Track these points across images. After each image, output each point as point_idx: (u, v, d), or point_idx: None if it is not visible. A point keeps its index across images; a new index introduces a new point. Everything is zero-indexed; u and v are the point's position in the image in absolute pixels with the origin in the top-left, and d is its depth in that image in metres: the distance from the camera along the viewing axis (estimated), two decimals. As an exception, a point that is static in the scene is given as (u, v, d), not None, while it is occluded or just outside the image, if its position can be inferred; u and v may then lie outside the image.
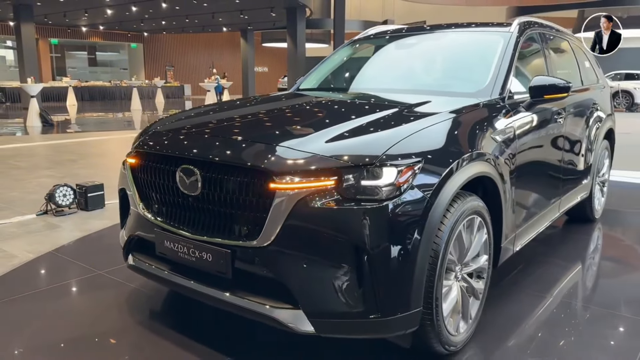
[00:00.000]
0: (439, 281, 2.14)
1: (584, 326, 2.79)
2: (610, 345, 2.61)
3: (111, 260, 3.63)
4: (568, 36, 4.39)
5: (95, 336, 2.59)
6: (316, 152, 2.05)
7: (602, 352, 2.52)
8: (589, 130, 4.15)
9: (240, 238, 2.14)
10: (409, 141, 2.13)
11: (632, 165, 7.61)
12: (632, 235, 4.75)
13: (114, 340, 2.58)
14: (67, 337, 2.59)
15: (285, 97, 3.45)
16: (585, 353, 2.50)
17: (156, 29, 31.01)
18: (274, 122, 2.76)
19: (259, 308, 2.11)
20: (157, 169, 2.40)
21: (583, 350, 2.52)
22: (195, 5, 19.54)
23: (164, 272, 2.47)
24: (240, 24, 27.07)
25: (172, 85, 31.96)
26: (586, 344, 2.58)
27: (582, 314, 2.97)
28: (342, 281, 1.99)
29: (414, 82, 3.39)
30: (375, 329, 2.05)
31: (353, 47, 4.03)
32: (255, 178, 2.07)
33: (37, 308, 2.91)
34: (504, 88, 2.96)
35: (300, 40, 20.53)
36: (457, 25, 3.76)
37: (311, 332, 2.04)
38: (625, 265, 3.91)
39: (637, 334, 2.68)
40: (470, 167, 2.31)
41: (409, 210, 2.01)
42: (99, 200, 5.01)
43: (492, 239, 2.59)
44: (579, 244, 4.23)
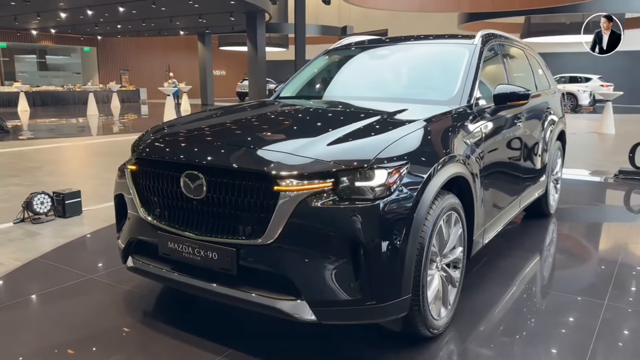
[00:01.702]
0: (424, 271, 2.40)
1: (546, 309, 3.12)
2: (569, 323, 2.94)
3: (100, 265, 3.74)
4: (523, 46, 4.78)
5: (97, 336, 2.72)
6: (316, 157, 2.28)
7: (562, 330, 2.85)
8: (544, 132, 4.54)
9: (245, 237, 2.34)
10: (395, 145, 2.39)
11: (578, 164, 8.19)
12: (581, 228, 5.20)
13: (117, 339, 2.71)
14: (70, 339, 2.70)
15: (274, 105, 3.65)
16: (548, 331, 2.82)
17: (111, 33, 30.39)
18: (271, 128, 2.96)
19: (263, 300, 2.32)
20: (161, 175, 2.56)
21: (546, 329, 2.84)
22: (154, 9, 19.35)
23: (167, 271, 2.63)
24: (198, 28, 26.90)
25: (127, 89, 31.36)
26: (548, 324, 2.90)
27: (543, 298, 3.31)
28: (340, 273, 2.22)
29: (389, 90, 3.67)
30: (371, 314, 2.29)
31: (330, 57, 4.27)
32: (260, 181, 2.27)
33: (35, 313, 3.01)
34: (471, 96, 3.26)
35: (261, 44, 20.65)
36: (426, 37, 4.06)
37: (313, 320, 2.26)
38: (578, 255, 4.31)
39: (590, 314, 3.02)
40: (448, 168, 2.59)
41: (399, 208, 2.26)
42: (77, 207, 5.05)
43: (466, 233, 2.88)
44: (537, 237, 4.60)
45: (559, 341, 2.71)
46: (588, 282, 3.63)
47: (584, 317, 2.99)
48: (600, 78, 25.16)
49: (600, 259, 4.19)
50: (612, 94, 13.73)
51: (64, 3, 19.42)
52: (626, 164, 7.42)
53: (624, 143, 11.40)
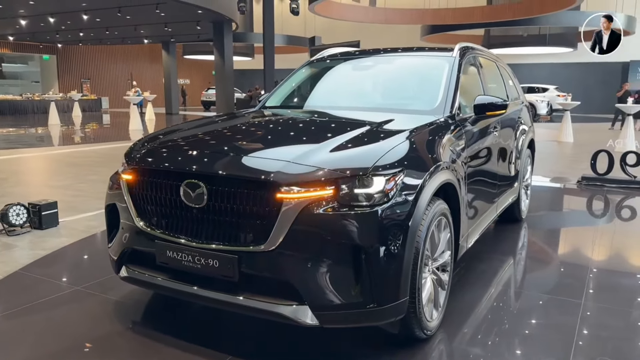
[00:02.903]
0: (419, 274, 2.50)
1: (528, 309, 3.28)
2: (551, 322, 3.09)
3: (85, 276, 3.69)
4: (495, 58, 4.99)
5: (93, 348, 2.70)
6: (318, 165, 2.35)
7: (545, 329, 3.00)
8: (516, 141, 4.75)
9: (247, 244, 2.38)
10: (391, 153, 2.48)
11: (542, 171, 8.52)
12: (551, 232, 5.44)
13: (114, 350, 2.69)
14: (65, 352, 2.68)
15: (266, 114, 3.71)
16: (532, 330, 2.96)
17: (72, 41, 29.69)
18: (269, 137, 3.03)
19: (266, 306, 2.36)
20: (159, 184, 2.58)
21: (530, 329, 2.99)
22: (119, 17, 19.06)
23: (164, 280, 2.64)
24: (163, 37, 26.61)
25: (89, 98, 30.67)
26: (531, 323, 3.05)
27: (523, 299, 3.46)
28: (342, 277, 2.29)
29: (374, 100, 3.78)
30: (371, 317, 2.37)
31: (314, 67, 4.35)
32: (263, 189, 2.32)
33: (23, 326, 2.95)
34: (453, 106, 3.41)
35: (228, 53, 20.61)
36: (408, 49, 4.21)
37: (315, 324, 2.33)
38: (551, 258, 4.51)
39: (569, 312, 3.18)
40: (439, 175, 2.70)
41: (397, 213, 2.35)
42: (53, 218, 4.95)
43: (453, 237, 3.00)
44: (510, 241, 4.79)
45: (543, 339, 2.85)
46: (564, 283, 3.81)
47: (564, 316, 3.14)
48: (557, 88, 26.20)
49: (573, 261, 4.40)
50: (571, 103, 14.33)
51: (25, 10, 18.92)
52: (588, 171, 7.79)
53: (583, 151, 11.93)
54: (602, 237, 5.12)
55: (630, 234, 5.38)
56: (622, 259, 4.53)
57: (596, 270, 4.00)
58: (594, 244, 4.84)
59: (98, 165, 9.21)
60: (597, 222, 5.82)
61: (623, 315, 3.21)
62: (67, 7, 17.88)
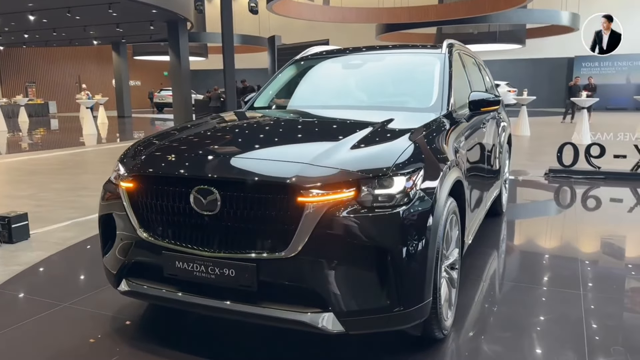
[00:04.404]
0: (440, 274, 2.46)
1: (532, 301, 3.30)
2: (556, 314, 3.13)
3: (71, 291, 3.47)
4: (473, 54, 5.04)
5: (97, 367, 2.53)
6: (339, 167, 2.27)
7: (552, 322, 3.03)
8: (499, 136, 4.81)
9: (266, 251, 2.27)
10: (408, 152, 2.43)
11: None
12: (532, 223, 5.57)
13: (119, 369, 2.53)
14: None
15: (264, 115, 3.59)
16: (540, 323, 2.99)
17: (15, 43, 28.24)
18: (278, 139, 2.91)
19: (287, 315, 2.27)
20: (166, 192, 2.43)
21: (538, 321, 3.01)
22: (67, 18, 18.24)
23: (171, 292, 2.50)
24: (114, 37, 25.69)
25: (35, 102, 29.31)
26: (538, 316, 3.09)
27: (525, 292, 3.48)
28: (368, 281, 2.23)
29: (371, 99, 3.71)
30: (398, 321, 2.31)
31: (300, 66, 4.24)
32: (282, 193, 2.22)
33: (16, 348, 2.73)
34: (449, 103, 3.40)
35: (184, 54, 20.11)
36: (393, 47, 4.18)
37: (341, 331, 2.25)
38: (539, 249, 4.58)
39: (572, 304, 3.23)
40: (452, 173, 2.68)
41: (419, 213, 2.30)
42: (24, 230, 4.66)
43: (461, 234, 2.98)
44: (495, 234, 4.86)
45: (554, 333, 2.88)
46: (558, 274, 3.88)
47: (567, 308, 3.18)
48: (508, 84, 27.03)
49: (560, 251, 4.49)
50: (527, 98, 14.78)
51: (-37, 11, 17.85)
52: (551, 163, 8.06)
53: (541, 143, 12.34)
54: (585, 226, 5.26)
55: (604, 221, 5.56)
56: (606, 246, 4.66)
57: (585, 259, 4.10)
58: (577, 233, 4.97)
59: (59, 172, 8.78)
60: (571, 212, 5.99)
61: (624, 303, 3.28)
62: (12, 7, 16.97)
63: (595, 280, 3.68)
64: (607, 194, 6.87)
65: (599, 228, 5.31)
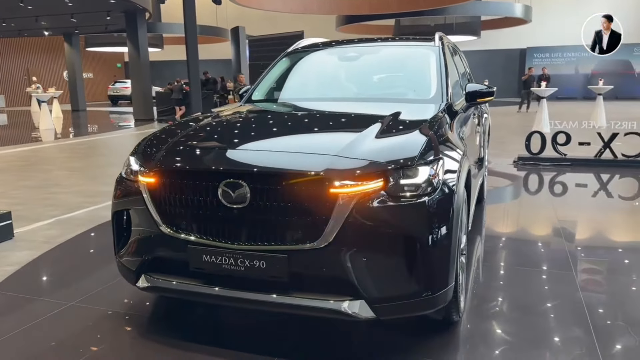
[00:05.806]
0: (458, 259, 2.57)
1: (530, 283, 3.47)
2: (555, 295, 3.31)
3: (73, 290, 3.40)
4: (456, 46, 5.19)
5: (122, 364, 2.51)
6: (367, 158, 2.33)
7: (554, 302, 3.20)
8: (482, 126, 4.99)
9: (297, 242, 2.31)
10: (429, 143, 2.52)
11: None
12: (511, 208, 5.82)
13: (145, 365, 2.52)
14: (92, 371, 2.46)
15: (274, 108, 3.64)
16: (542, 304, 3.16)
17: (-43, 33, 26.74)
18: (297, 132, 2.97)
19: (319, 304, 2.32)
20: (192, 186, 2.42)
21: (540, 302, 3.18)
22: (18, 8, 17.39)
23: (197, 286, 2.50)
24: (67, 28, 24.65)
25: (-19, 97, 27.92)
26: (538, 297, 3.25)
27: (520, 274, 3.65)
28: (398, 268, 2.31)
29: (372, 91, 3.79)
30: (426, 305, 2.40)
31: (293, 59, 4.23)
32: (314, 185, 2.26)
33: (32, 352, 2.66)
34: (448, 94, 3.51)
35: (143, 45, 19.58)
36: (386, 39, 4.27)
37: (372, 317, 2.32)
38: (525, 232, 4.79)
39: (568, 284, 3.42)
40: (466, 162, 2.79)
41: (443, 201, 2.39)
42: (7, 230, 4.50)
43: (468, 221, 3.11)
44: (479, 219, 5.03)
45: (556, 313, 3.04)
46: (548, 256, 4.08)
47: (564, 288, 3.36)
48: (465, 75, 27.64)
49: (544, 234, 4.72)
50: (488, 89, 15.16)
51: None
52: (518, 152, 8.40)
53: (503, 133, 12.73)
54: (561, 210, 5.51)
55: (575, 205, 5.85)
56: (585, 228, 4.92)
57: (572, 241, 4.33)
58: (556, 217, 5.21)
59: (26, 169, 8.44)
60: (548, 197, 6.27)
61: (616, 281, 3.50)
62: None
63: (586, 262, 3.89)
64: (573, 180, 7.21)
65: (572, 212, 5.59)
